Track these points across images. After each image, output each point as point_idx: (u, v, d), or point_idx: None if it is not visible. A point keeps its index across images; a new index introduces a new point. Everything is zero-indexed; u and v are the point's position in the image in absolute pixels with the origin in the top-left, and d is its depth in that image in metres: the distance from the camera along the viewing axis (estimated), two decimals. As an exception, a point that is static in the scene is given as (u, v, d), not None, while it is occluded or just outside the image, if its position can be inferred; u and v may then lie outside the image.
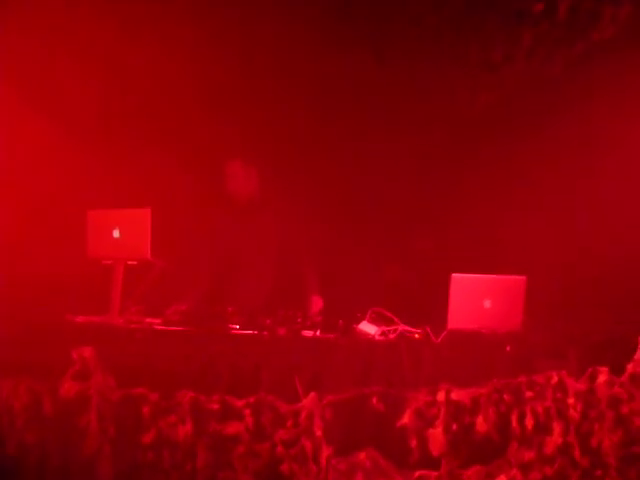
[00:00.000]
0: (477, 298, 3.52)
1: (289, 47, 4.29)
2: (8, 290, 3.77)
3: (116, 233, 3.81)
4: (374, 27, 3.79)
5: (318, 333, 3.51)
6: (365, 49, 3.97)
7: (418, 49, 3.85)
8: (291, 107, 4.55)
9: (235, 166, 4.16)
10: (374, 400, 2.70)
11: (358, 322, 3.57)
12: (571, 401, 2.68)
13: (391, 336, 3.50)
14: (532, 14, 3.48)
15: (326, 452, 2.63)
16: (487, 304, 3.52)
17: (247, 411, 2.66)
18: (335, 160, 4.70)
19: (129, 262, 3.81)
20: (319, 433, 2.64)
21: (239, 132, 4.54)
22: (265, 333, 3.42)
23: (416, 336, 3.52)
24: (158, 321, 3.67)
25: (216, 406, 2.67)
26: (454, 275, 3.48)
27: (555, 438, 2.66)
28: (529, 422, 2.66)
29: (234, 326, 3.55)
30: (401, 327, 3.54)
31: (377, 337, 3.47)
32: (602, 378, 2.70)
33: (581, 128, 4.06)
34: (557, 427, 2.66)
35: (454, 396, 2.67)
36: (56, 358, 2.82)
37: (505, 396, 2.68)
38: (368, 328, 3.54)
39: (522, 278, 3.52)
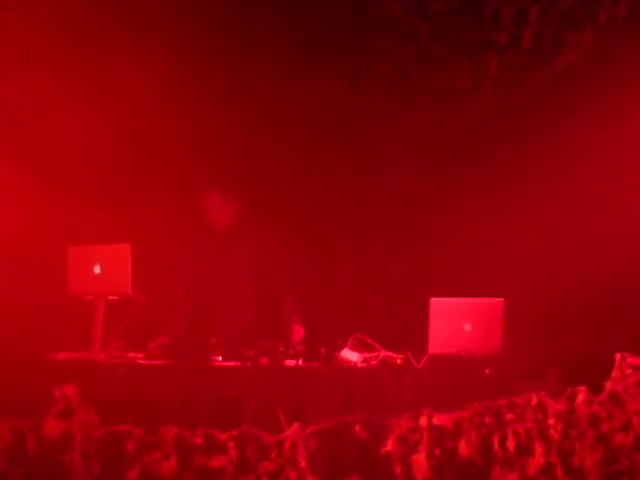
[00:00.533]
0: (456, 321, 3.58)
1: (266, 80, 4.37)
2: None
3: (97, 269, 3.83)
4: (348, 59, 3.87)
5: (300, 362, 3.53)
6: (339, 79, 4.05)
7: (389, 79, 3.93)
8: (267, 137, 4.61)
9: (212, 197, 4.18)
10: (357, 428, 2.71)
11: (340, 349, 3.59)
12: (551, 421, 2.71)
13: (373, 362, 3.53)
14: (497, 43, 3.58)
15: (311, 482, 2.63)
16: (467, 327, 3.57)
17: (231, 444, 2.65)
18: (311, 189, 4.77)
19: (110, 297, 3.83)
20: (303, 463, 2.64)
21: (216, 164, 4.58)
22: (248, 364, 3.44)
23: (398, 362, 3.55)
24: (140, 355, 3.67)
25: (200, 440, 2.66)
26: (433, 299, 3.53)
27: (537, 459, 2.68)
28: (511, 444, 2.68)
29: (217, 358, 3.57)
30: (383, 353, 3.57)
31: (359, 364, 3.50)
32: (581, 397, 2.73)
33: (548, 152, 4.17)
34: (539, 448, 2.68)
35: (436, 421, 2.69)
36: (38, 396, 2.80)
37: (486, 419, 2.70)
38: (350, 355, 3.57)
39: (499, 300, 3.58)
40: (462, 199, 4.52)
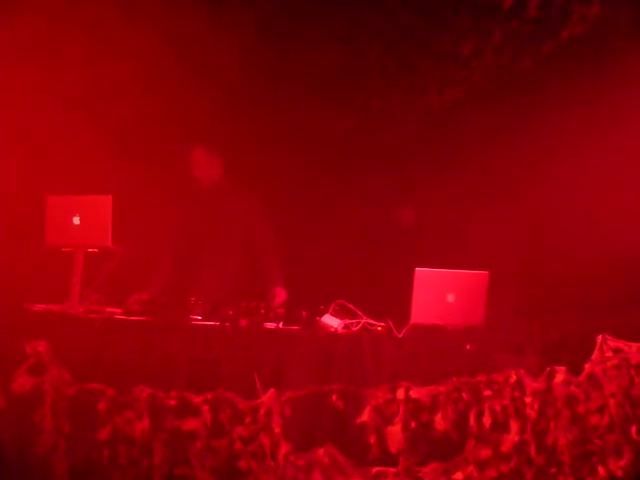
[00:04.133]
0: (440, 293, 3.52)
1: (253, 36, 4.21)
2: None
3: (76, 220, 3.72)
4: (345, 17, 3.72)
5: (281, 325, 3.48)
6: (335, 39, 3.90)
7: (389, 42, 3.78)
8: (253, 91, 4.45)
9: (199, 153, 4.07)
10: (334, 397, 2.67)
11: (321, 315, 3.54)
12: (528, 400, 2.69)
13: (354, 329, 3.48)
14: (502, 9, 3.43)
15: (284, 449, 2.60)
16: (450, 299, 3.53)
17: (205, 407, 2.61)
18: (300, 149, 4.64)
19: (89, 249, 3.73)
20: (278, 430, 2.61)
21: (203, 117, 4.44)
22: (227, 324, 3.38)
23: (379, 329, 3.50)
24: (118, 310, 3.60)
25: (174, 402, 2.62)
26: (418, 269, 3.47)
27: (512, 436, 2.67)
28: (487, 420, 2.67)
29: (196, 317, 3.51)
30: (364, 320, 3.53)
31: (340, 330, 3.45)
32: (559, 377, 2.71)
33: (548, 124, 4.06)
34: (514, 425, 2.67)
35: (413, 394, 2.66)
36: (10, 351, 2.73)
37: (464, 394, 2.68)
38: (331, 321, 3.51)
39: (485, 273, 3.52)
40: (455, 169, 4.42)
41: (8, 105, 4.14)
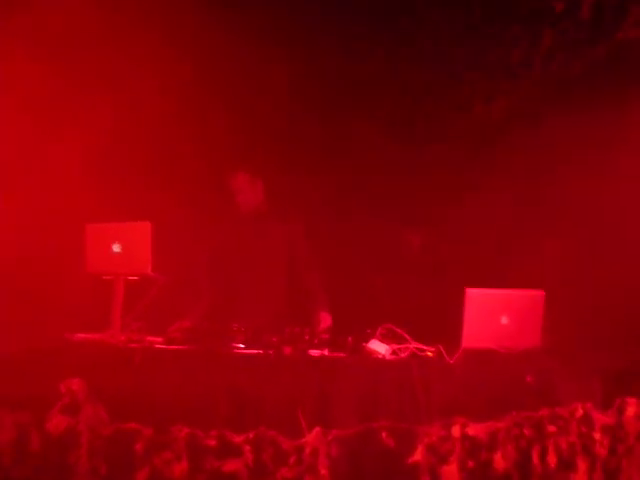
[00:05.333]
0: (493, 314, 3.25)
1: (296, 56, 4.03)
2: (5, 309, 3.56)
3: (116, 247, 3.58)
4: (385, 27, 3.48)
5: (326, 352, 3.26)
6: (376, 49, 3.67)
7: (433, 51, 3.53)
8: (295, 113, 4.28)
9: (241, 179, 3.90)
10: (383, 435, 2.44)
11: (368, 340, 3.31)
12: (597, 436, 2.40)
13: (402, 355, 3.23)
14: (553, 13, 3.15)
15: (332, 492, 2.38)
16: (504, 320, 3.25)
17: (247, 447, 2.41)
18: (343, 173, 4.41)
19: (130, 277, 3.59)
20: (324, 471, 2.39)
21: (244, 142, 4.28)
22: (270, 352, 3.18)
23: (429, 354, 3.25)
24: (160, 339, 3.44)
25: (214, 442, 2.43)
26: (469, 290, 3.21)
27: (580, 476, 2.38)
28: (552, 459, 2.39)
29: (238, 345, 3.32)
30: (413, 345, 3.27)
31: (387, 356, 3.21)
32: (631, 410, 2.42)
33: (603, 134, 3.73)
34: (582, 464, 2.39)
35: (470, 431, 2.40)
36: (45, 389, 2.58)
37: (525, 431, 2.41)
38: (378, 347, 3.27)
39: (540, 293, 3.24)
40: (506, 184, 4.11)
41: (44, 133, 4.07)
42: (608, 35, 3.36)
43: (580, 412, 2.41)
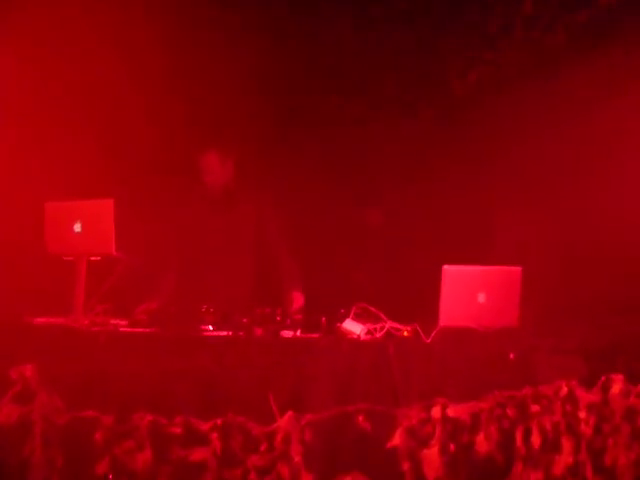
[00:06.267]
0: (470, 291, 3.09)
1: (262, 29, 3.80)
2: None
3: (77, 227, 3.33)
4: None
5: (299, 333, 3.07)
6: (345, 15, 3.43)
7: (404, 18, 3.30)
8: (265, 87, 4.03)
9: (211, 157, 3.66)
10: (360, 419, 2.25)
11: (342, 320, 3.12)
12: (582, 415, 2.25)
13: (378, 335, 3.05)
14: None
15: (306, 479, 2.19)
16: (481, 298, 3.09)
17: (214, 434, 2.20)
18: (315, 145, 4.18)
19: (92, 258, 3.34)
20: (298, 458, 2.19)
21: (212, 118, 4.02)
22: (241, 334, 2.97)
23: (405, 334, 3.07)
24: (124, 322, 3.21)
25: (179, 430, 2.21)
26: (445, 267, 3.04)
27: (565, 457, 2.23)
28: (536, 440, 2.23)
29: (207, 327, 3.11)
30: (388, 324, 3.09)
31: (363, 336, 3.02)
32: (616, 387, 2.27)
33: (584, 107, 3.55)
34: (567, 444, 2.23)
35: (451, 412, 2.23)
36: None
37: (508, 411, 2.24)
38: (353, 326, 3.08)
39: (517, 269, 3.09)
40: (482, 158, 3.90)
41: (5, 108, 3.77)
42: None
43: (564, 390, 2.25)
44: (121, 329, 3.12)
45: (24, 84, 3.89)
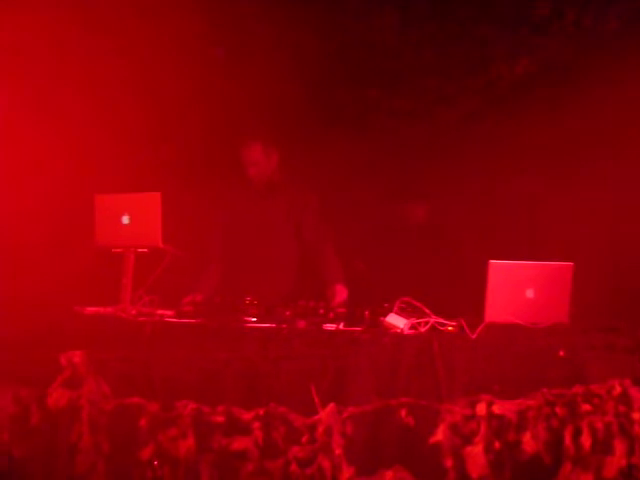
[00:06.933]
0: (518, 288, 3.00)
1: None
2: (14, 283, 3.38)
3: (126, 219, 3.38)
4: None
5: (342, 326, 3.03)
6: (388, 7, 3.34)
7: (444, 5, 3.18)
8: (309, 81, 3.99)
9: (255, 149, 3.65)
10: (402, 413, 2.21)
11: (385, 314, 3.07)
12: (637, 416, 2.15)
13: (422, 329, 3.00)
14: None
15: (347, 473, 2.16)
16: (529, 294, 3.00)
17: (256, 424, 2.20)
18: (359, 139, 4.12)
19: (140, 250, 3.39)
20: (339, 451, 2.17)
21: (256, 111, 4.01)
22: (284, 326, 2.96)
23: (449, 329, 3.01)
24: (171, 313, 3.24)
25: (221, 418, 2.22)
26: (492, 262, 2.96)
27: (617, 459, 2.14)
28: (586, 440, 2.14)
29: (251, 318, 3.10)
30: (433, 319, 3.03)
31: (406, 331, 2.97)
32: (673, 388, 2.16)
33: (637, 102, 3.38)
34: (620, 446, 2.14)
35: (497, 409, 2.17)
36: (47, 362, 2.39)
37: (557, 409, 2.16)
38: (396, 320, 3.03)
39: (569, 265, 2.98)
40: (531, 151, 3.77)
41: (55, 103, 3.85)
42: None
43: (618, 390, 2.16)
44: (167, 319, 3.17)
45: (72, 77, 3.94)
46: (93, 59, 3.85)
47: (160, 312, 3.28)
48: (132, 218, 3.37)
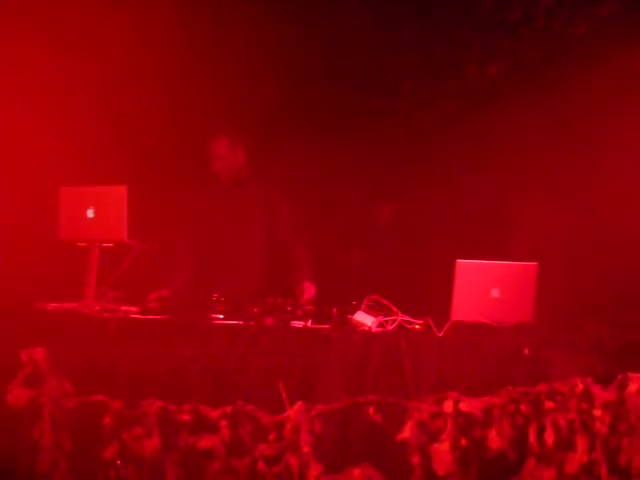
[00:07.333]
0: (484, 287, 3.03)
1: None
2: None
3: (90, 213, 3.31)
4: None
5: (309, 324, 3.02)
6: (363, 7, 3.35)
7: (421, 8, 3.22)
8: (280, 77, 3.97)
9: (221, 143, 3.61)
10: (370, 410, 2.21)
11: (353, 312, 3.07)
12: (598, 413, 2.19)
13: (389, 327, 3.01)
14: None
15: (315, 470, 2.15)
16: (495, 293, 3.03)
17: (223, 422, 2.17)
18: (329, 137, 4.10)
19: (104, 244, 3.32)
20: (307, 448, 2.16)
21: (224, 106, 3.97)
22: (251, 323, 2.94)
23: (417, 327, 3.02)
24: (135, 309, 3.18)
25: (187, 416, 2.18)
26: (459, 261, 2.99)
27: (579, 455, 2.18)
28: (549, 437, 2.18)
29: (218, 315, 3.07)
30: (400, 317, 3.05)
31: (374, 328, 2.98)
32: (633, 386, 2.22)
33: (606, 100, 3.45)
34: (582, 442, 2.18)
35: (463, 406, 2.18)
36: (7, 359, 2.32)
37: (522, 407, 2.19)
38: (364, 318, 3.04)
39: (533, 265, 3.03)
40: (499, 152, 3.81)
41: (19, 96, 3.74)
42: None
43: (580, 387, 2.20)
44: (132, 316, 3.11)
45: (38, 74, 3.85)
46: (57, 53, 3.76)
47: (125, 308, 3.21)
48: (97, 212, 3.29)
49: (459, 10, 3.27)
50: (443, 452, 2.17)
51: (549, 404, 2.19)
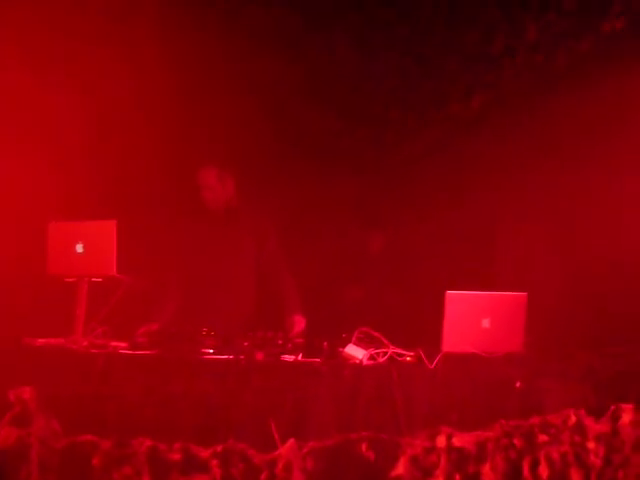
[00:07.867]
0: (474, 317, 3.04)
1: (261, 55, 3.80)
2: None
3: (79, 247, 3.29)
4: (357, 15, 3.23)
5: (300, 357, 3.00)
6: (344, 37, 3.40)
7: (408, 39, 3.27)
8: (269, 109, 4.01)
9: (210, 174, 3.62)
10: (363, 447, 2.18)
11: (344, 344, 3.06)
12: (591, 445, 2.18)
13: (380, 360, 2.99)
14: (536, 1, 2.96)
15: (307, 509, 2.11)
16: (485, 324, 3.04)
17: (214, 462, 2.13)
18: (317, 168, 4.14)
19: (94, 279, 3.29)
20: (299, 487, 2.12)
21: (214, 138, 3.99)
22: (241, 357, 2.91)
23: (408, 359, 3.01)
24: (124, 344, 3.15)
25: (178, 456, 2.14)
26: (449, 292, 2.99)
27: (573, 488, 2.16)
28: (543, 471, 2.16)
29: (208, 350, 3.04)
30: (391, 349, 3.03)
31: (365, 361, 2.96)
32: (627, 417, 2.20)
33: (587, 131, 3.52)
34: (576, 476, 2.16)
35: (456, 441, 2.16)
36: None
37: (515, 440, 2.17)
38: (355, 351, 3.02)
39: (523, 295, 3.04)
40: (485, 183, 3.86)
41: (8, 131, 3.75)
42: (593, 26, 3.16)
43: (573, 419, 2.18)
44: (120, 351, 3.07)
45: (25, 107, 3.86)
46: (47, 85, 3.77)
47: (113, 343, 3.18)
48: (86, 246, 3.27)
49: (444, 43, 3.33)
50: (437, 488, 2.14)
51: (542, 437, 2.17)
